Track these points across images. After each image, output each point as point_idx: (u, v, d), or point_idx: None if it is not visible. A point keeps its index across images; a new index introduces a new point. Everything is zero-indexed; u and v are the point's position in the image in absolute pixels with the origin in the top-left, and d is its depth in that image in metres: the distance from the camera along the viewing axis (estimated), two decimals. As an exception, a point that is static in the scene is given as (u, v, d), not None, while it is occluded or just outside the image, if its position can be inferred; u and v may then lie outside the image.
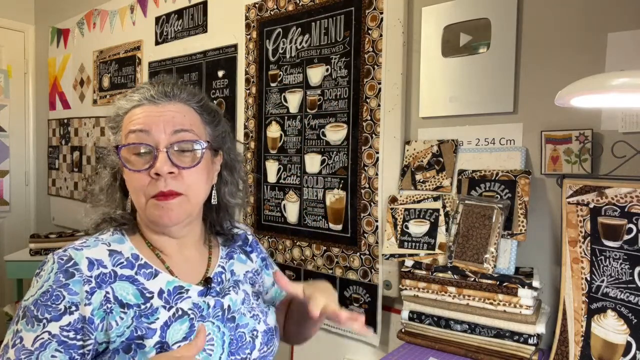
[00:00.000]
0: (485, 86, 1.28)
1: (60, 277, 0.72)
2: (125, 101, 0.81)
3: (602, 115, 1.12)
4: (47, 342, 0.69)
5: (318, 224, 1.63)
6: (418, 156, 1.38)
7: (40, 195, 3.23)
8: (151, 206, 0.76)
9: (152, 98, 0.79)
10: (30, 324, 0.70)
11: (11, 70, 3.13)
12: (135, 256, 0.80)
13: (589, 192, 1.07)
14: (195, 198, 0.80)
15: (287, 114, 1.70)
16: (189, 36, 2.08)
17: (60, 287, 0.71)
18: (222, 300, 0.83)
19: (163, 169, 0.74)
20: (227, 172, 0.90)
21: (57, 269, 0.72)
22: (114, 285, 0.74)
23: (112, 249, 0.79)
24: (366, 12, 1.47)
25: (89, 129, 2.72)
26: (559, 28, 1.18)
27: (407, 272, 1.28)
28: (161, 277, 0.79)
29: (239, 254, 0.96)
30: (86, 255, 0.75)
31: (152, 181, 0.75)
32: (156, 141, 0.76)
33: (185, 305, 0.78)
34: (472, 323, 1.17)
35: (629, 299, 0.99)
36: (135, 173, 0.76)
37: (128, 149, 0.77)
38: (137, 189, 0.77)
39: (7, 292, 2.96)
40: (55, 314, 0.70)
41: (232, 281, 0.88)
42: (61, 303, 0.70)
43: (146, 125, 0.76)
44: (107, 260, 0.76)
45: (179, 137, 0.77)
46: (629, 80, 0.77)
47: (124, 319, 0.73)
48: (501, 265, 1.15)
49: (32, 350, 0.68)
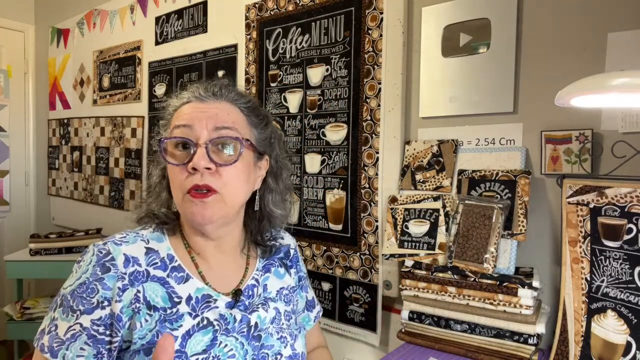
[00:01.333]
0: (485, 86, 1.28)
1: (97, 270, 0.73)
2: (176, 99, 0.84)
3: (602, 115, 1.12)
4: (78, 334, 0.70)
5: (318, 224, 1.63)
6: (418, 156, 1.38)
7: (40, 195, 3.23)
8: (186, 202, 0.76)
9: (200, 96, 0.80)
10: (65, 313, 0.71)
11: (11, 70, 3.13)
12: (170, 257, 0.79)
13: (589, 192, 1.07)
14: (231, 198, 0.78)
15: (287, 114, 1.70)
16: (189, 36, 2.08)
17: (96, 281, 0.72)
18: (250, 317, 0.81)
19: (200, 164, 0.74)
20: (272, 179, 0.89)
21: (95, 261, 0.74)
22: (145, 285, 0.74)
23: (150, 247, 0.79)
24: (366, 12, 1.47)
25: (89, 129, 2.72)
26: (559, 28, 1.18)
27: (407, 272, 1.28)
28: (192, 282, 0.78)
29: (277, 267, 0.93)
30: (124, 251, 0.75)
31: (189, 175, 0.75)
32: (197, 136, 0.76)
33: (211, 315, 0.77)
34: (472, 323, 1.17)
35: (629, 299, 0.99)
36: (174, 167, 0.77)
37: (171, 142, 0.78)
38: (176, 184, 0.77)
39: (7, 292, 2.96)
40: (88, 307, 0.71)
41: (263, 297, 0.86)
42: (95, 297, 0.71)
43: (190, 120, 0.77)
44: (142, 259, 0.77)
45: (220, 134, 0.77)
46: (629, 80, 0.77)
47: (148, 322, 0.73)
48: (501, 265, 1.15)
49: (63, 340, 0.70)
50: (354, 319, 1.54)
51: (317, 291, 1.63)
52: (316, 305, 1.04)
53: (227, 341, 0.77)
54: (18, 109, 3.19)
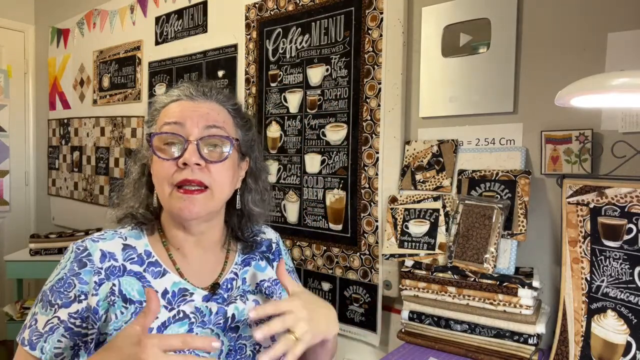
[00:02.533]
0: (485, 86, 1.28)
1: (75, 266, 0.76)
2: (165, 97, 0.85)
3: (602, 115, 1.12)
4: (56, 326, 0.73)
5: (318, 224, 1.63)
6: (418, 156, 1.38)
7: (40, 195, 3.23)
8: (175, 197, 0.78)
9: (191, 94, 0.82)
10: (44, 308, 0.75)
11: (11, 70, 3.13)
12: (148, 253, 0.82)
13: (589, 192, 1.07)
14: (218, 194, 0.81)
15: (287, 114, 1.70)
16: (189, 36, 2.08)
17: (73, 276, 0.75)
18: (226, 309, 0.83)
19: (191, 159, 0.76)
20: (252, 179, 0.91)
21: (73, 258, 0.77)
22: (121, 279, 0.77)
23: (127, 244, 0.82)
24: (366, 12, 1.47)
25: (89, 129, 2.72)
26: (559, 28, 1.18)
27: (407, 272, 1.28)
28: (168, 277, 0.80)
29: (258, 261, 0.94)
30: (100, 247, 0.79)
31: (179, 169, 0.77)
32: (188, 133, 0.78)
33: (187, 309, 0.79)
34: (472, 323, 1.17)
35: (629, 299, 0.99)
36: (163, 161, 0.78)
37: (160, 137, 0.79)
38: (163, 178, 0.78)
39: (7, 292, 2.96)
40: (66, 301, 0.74)
41: (242, 290, 0.87)
42: (72, 291, 0.75)
43: (181, 117, 0.79)
44: (119, 254, 0.79)
45: (211, 132, 0.79)
46: (629, 80, 0.77)
47: (124, 314, 0.75)
48: (501, 265, 1.15)
49: (42, 333, 0.73)
50: (354, 319, 1.54)
51: (317, 291, 1.63)
52: None
53: (202, 333, 0.78)
54: (18, 109, 3.19)
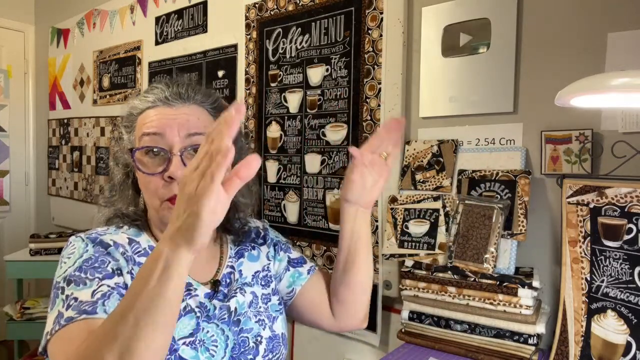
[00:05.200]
0: (485, 86, 1.28)
1: (99, 248, 0.74)
2: (139, 101, 0.81)
3: (602, 115, 1.12)
4: (109, 292, 0.68)
5: (318, 224, 1.63)
6: (418, 156, 1.38)
7: (40, 195, 3.23)
8: (165, 209, 0.77)
9: (167, 100, 0.78)
10: (81, 284, 0.68)
11: (11, 70, 3.13)
12: (151, 247, 0.81)
13: (589, 192, 1.06)
14: None
15: (287, 114, 1.70)
16: (189, 36, 2.08)
17: (104, 255, 0.73)
18: (228, 304, 0.82)
19: (177, 173, 0.74)
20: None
21: (90, 243, 0.75)
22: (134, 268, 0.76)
23: (132, 238, 0.81)
24: (366, 12, 1.47)
25: (89, 129, 2.72)
26: (559, 28, 1.18)
27: (407, 272, 1.28)
28: None
29: (250, 251, 0.94)
30: (111, 238, 0.78)
31: (166, 184, 0.76)
32: (170, 144, 0.76)
33: (192, 303, 0.78)
34: (472, 323, 1.17)
35: (629, 299, 0.99)
36: (149, 176, 0.76)
37: (142, 151, 0.77)
38: (151, 192, 0.77)
39: (7, 292, 2.95)
40: (106, 274, 0.70)
41: (240, 283, 0.87)
42: (108, 266, 0.72)
43: (160, 128, 0.76)
44: (127, 247, 0.78)
45: (193, 141, 0.77)
46: (629, 80, 0.77)
47: None
48: (501, 265, 1.15)
49: (95, 300, 0.66)
50: (354, 319, 1.54)
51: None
52: (307, 262, 1.00)
53: (208, 327, 0.78)
54: (18, 109, 3.18)
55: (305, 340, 1.69)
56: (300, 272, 0.97)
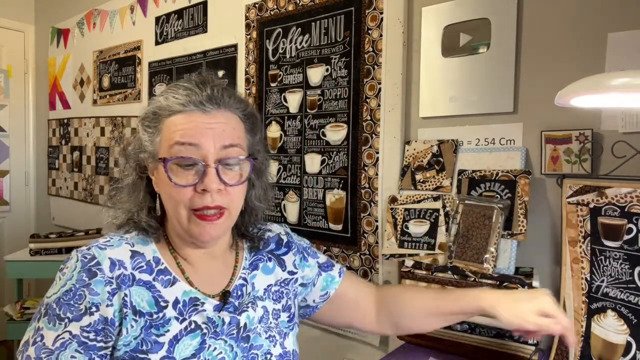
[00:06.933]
0: (485, 86, 1.28)
1: (83, 276, 0.71)
2: (166, 101, 0.75)
3: (602, 115, 1.12)
4: (68, 342, 0.68)
5: (318, 224, 1.63)
6: (418, 156, 1.38)
7: (40, 195, 3.23)
8: (193, 222, 0.74)
9: (201, 105, 0.73)
10: (52, 322, 0.69)
11: (11, 70, 3.13)
12: (156, 259, 0.77)
13: (589, 192, 1.06)
14: (235, 212, 0.78)
15: (287, 114, 1.70)
16: (189, 36, 2.08)
17: (83, 287, 0.70)
18: (239, 318, 0.79)
19: (212, 186, 0.72)
20: (256, 175, 0.86)
21: (80, 267, 0.71)
22: (131, 289, 0.72)
23: (135, 250, 0.76)
24: (366, 12, 1.47)
25: (89, 129, 2.72)
26: (559, 28, 1.18)
27: (407, 272, 1.28)
28: (179, 285, 0.76)
29: (266, 262, 0.90)
30: (109, 255, 0.73)
31: (197, 194, 0.72)
32: (204, 155, 0.72)
33: (199, 319, 0.76)
34: (472, 323, 1.17)
35: (629, 299, 0.99)
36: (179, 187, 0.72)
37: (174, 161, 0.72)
38: (179, 202, 0.73)
39: (7, 292, 2.96)
40: (76, 314, 0.69)
41: (252, 296, 0.84)
42: (82, 303, 0.69)
43: (195, 138, 0.72)
44: (127, 262, 0.74)
45: (228, 153, 0.74)
46: (629, 80, 0.77)
47: (134, 327, 0.71)
48: (501, 265, 1.15)
49: (52, 349, 0.67)
50: (354, 319, 1.54)
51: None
52: (335, 264, 1.00)
53: (216, 344, 0.75)
54: (18, 109, 3.18)
55: (305, 340, 1.69)
56: (332, 276, 0.97)
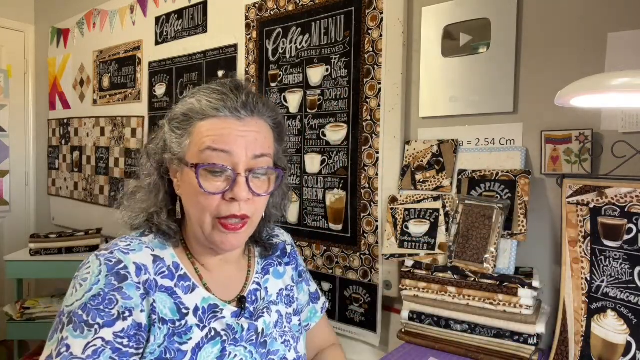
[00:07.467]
0: (485, 86, 1.28)
1: (112, 280, 0.67)
2: (199, 104, 0.73)
3: (602, 115, 1.12)
4: (101, 349, 0.64)
5: (318, 224, 1.63)
6: (418, 156, 1.38)
7: (40, 195, 3.22)
8: (216, 230, 0.73)
9: (237, 111, 0.72)
10: (78, 330, 0.64)
11: (11, 70, 3.13)
12: (176, 265, 0.76)
13: (589, 192, 1.06)
14: (257, 220, 0.78)
15: (287, 114, 1.70)
16: (189, 36, 2.08)
17: (114, 291, 0.67)
18: (256, 324, 0.80)
19: (242, 195, 0.71)
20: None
21: (106, 271, 0.68)
22: (156, 296, 0.71)
23: (156, 255, 0.75)
24: (366, 12, 1.47)
25: (89, 129, 2.72)
26: (559, 28, 1.18)
27: (407, 272, 1.28)
28: (198, 292, 0.76)
29: (276, 267, 0.91)
30: (133, 259, 0.71)
31: (224, 202, 0.72)
32: (236, 163, 0.71)
33: (218, 326, 0.75)
34: (472, 323, 1.17)
35: (629, 299, 0.99)
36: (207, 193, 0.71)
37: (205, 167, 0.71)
38: (205, 208, 0.72)
39: (7, 292, 2.95)
40: (108, 319, 0.65)
41: (266, 301, 0.84)
42: (114, 308, 0.66)
43: (228, 145, 0.71)
44: (150, 267, 0.72)
45: (259, 163, 0.73)
46: (629, 80, 0.77)
47: (158, 335, 0.69)
48: (501, 265, 1.15)
49: (82, 358, 0.62)
50: (354, 319, 1.54)
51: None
52: (320, 297, 1.03)
53: (236, 351, 0.75)
54: (18, 109, 3.18)
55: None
56: (316, 310, 1.00)
